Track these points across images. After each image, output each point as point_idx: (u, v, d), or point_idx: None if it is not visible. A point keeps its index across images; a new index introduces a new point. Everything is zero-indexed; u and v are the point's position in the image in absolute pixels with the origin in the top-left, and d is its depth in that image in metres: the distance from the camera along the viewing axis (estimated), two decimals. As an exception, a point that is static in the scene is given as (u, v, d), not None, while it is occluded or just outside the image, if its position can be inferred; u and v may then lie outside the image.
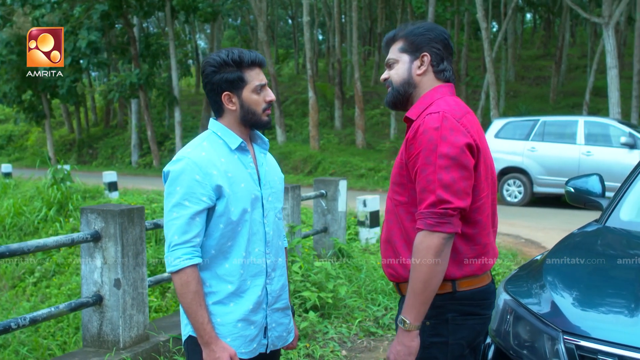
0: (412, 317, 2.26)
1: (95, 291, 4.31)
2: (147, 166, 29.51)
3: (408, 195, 2.39)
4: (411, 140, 2.33)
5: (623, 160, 12.75)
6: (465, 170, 2.25)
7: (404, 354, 2.28)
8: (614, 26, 15.92)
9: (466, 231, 2.32)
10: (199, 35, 48.88)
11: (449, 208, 2.21)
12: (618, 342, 2.29)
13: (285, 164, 24.80)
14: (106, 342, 4.32)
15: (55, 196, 13.38)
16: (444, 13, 24.81)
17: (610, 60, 16.30)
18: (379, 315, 6.03)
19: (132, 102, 30.39)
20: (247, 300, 2.53)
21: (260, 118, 2.56)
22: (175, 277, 2.44)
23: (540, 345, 2.52)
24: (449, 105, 2.35)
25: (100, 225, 4.26)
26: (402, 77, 2.48)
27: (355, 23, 25.28)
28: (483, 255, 2.40)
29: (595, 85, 24.67)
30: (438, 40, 2.47)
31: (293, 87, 37.13)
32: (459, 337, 2.36)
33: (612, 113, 16.44)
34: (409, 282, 2.27)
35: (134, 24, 28.56)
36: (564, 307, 2.53)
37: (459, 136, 2.26)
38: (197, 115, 35.40)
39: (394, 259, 2.45)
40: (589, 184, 3.85)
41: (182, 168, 2.46)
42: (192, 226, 2.43)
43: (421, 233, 2.24)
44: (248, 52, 2.53)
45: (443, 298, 2.32)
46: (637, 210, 3.51)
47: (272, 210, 2.63)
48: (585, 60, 31.74)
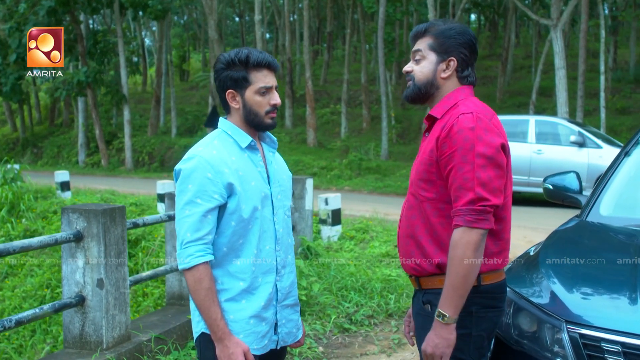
0: (452, 311, 2.32)
1: (77, 292, 4.26)
2: (95, 165, 29.01)
3: (436, 192, 2.45)
4: (444, 139, 2.39)
5: (572, 158, 13.12)
6: (500, 169, 2.35)
7: (443, 347, 2.34)
8: (562, 28, 16.36)
9: (494, 227, 2.40)
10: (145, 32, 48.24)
11: (487, 205, 2.30)
12: (620, 330, 2.40)
13: (237, 163, 24.71)
14: (89, 343, 4.27)
15: (6, 196, 13.06)
16: (394, 13, 25.07)
17: (558, 61, 16.75)
18: (351, 312, 6.10)
19: (78, 100, 29.81)
20: (259, 297, 2.56)
21: (262, 120, 2.58)
22: (188, 274, 2.45)
23: (543, 335, 2.62)
24: (477, 107, 2.43)
25: (83, 225, 4.22)
26: (426, 77, 2.54)
27: (306, 22, 25.36)
28: (505, 251, 2.51)
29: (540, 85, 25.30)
30: (467, 45, 2.53)
31: (242, 86, 36.95)
32: (481, 329, 2.45)
33: (560, 112, 16.89)
34: (447, 277, 2.33)
35: (81, 21, 28.04)
36: (565, 298, 2.64)
37: (494, 136, 2.35)
38: (144, 113, 34.98)
39: (418, 254, 2.51)
40: (566, 181, 3.99)
41: (194, 166, 2.48)
42: (204, 223, 2.45)
43: (460, 229, 2.31)
44: (257, 53, 2.55)
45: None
46: (615, 206, 3.66)
47: (281, 208, 2.66)
48: (530, 60, 32.48)
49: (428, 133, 2.57)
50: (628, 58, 30.40)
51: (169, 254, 5.36)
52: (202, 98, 36.13)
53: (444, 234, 2.43)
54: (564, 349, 2.51)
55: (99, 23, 44.02)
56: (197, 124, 31.58)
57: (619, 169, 3.82)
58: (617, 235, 3.35)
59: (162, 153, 28.10)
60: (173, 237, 5.32)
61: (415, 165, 2.57)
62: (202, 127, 30.03)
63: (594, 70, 27.82)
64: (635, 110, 24.75)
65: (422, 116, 26.63)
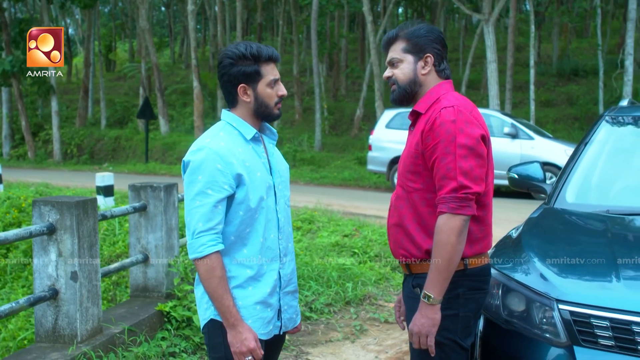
0: (436, 292, 2.48)
1: (50, 285, 4.21)
2: (20, 158, 28.13)
3: (423, 182, 2.60)
4: (428, 132, 2.54)
5: (506, 149, 13.57)
6: (480, 158, 2.51)
7: (429, 326, 2.50)
8: (493, 22, 16.86)
9: (477, 213, 2.55)
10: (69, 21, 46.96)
11: (469, 193, 2.45)
12: (608, 306, 2.60)
13: (170, 155, 24.47)
14: (62, 337, 4.24)
15: None
16: (327, 5, 25.23)
17: (490, 54, 17.25)
18: (310, 301, 6.20)
19: (2, 90, 28.81)
20: (265, 284, 2.65)
21: (272, 111, 2.68)
22: (200, 263, 2.52)
23: (533, 314, 2.80)
24: (458, 100, 2.59)
25: (55, 217, 4.17)
26: (408, 77, 2.69)
27: (239, 13, 25.26)
28: (489, 235, 2.69)
29: (469, 78, 25.95)
30: (438, 41, 2.70)
31: (171, 77, 36.51)
32: (467, 310, 2.61)
33: (491, 104, 17.42)
34: (433, 261, 2.48)
35: (5, 8, 27.08)
36: (554, 279, 2.82)
37: (474, 128, 2.51)
38: (71, 104, 34.08)
39: (407, 241, 2.65)
40: (530, 171, 4.20)
41: (203, 157, 2.54)
42: (215, 213, 2.52)
43: (444, 216, 2.46)
44: (266, 48, 2.64)
45: (455, 275, 2.53)
46: (579, 194, 3.89)
47: (282, 198, 2.76)
48: (457, 54, 33.21)
49: (413, 127, 2.73)
50: (551, 52, 31.49)
51: (132, 246, 5.33)
52: (131, 89, 35.46)
53: (432, 222, 2.57)
54: (555, 326, 2.69)
55: (21, 12, 42.55)
56: (127, 115, 30.99)
57: (581, 159, 4.06)
58: (587, 220, 3.57)
59: (92, 145, 27.51)
60: (137, 229, 5.30)
61: (403, 158, 2.72)
62: (133, 118, 29.52)
63: (518, 64, 28.74)
64: (559, 102, 25.70)
65: (354, 108, 26.96)
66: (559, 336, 2.68)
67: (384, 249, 8.39)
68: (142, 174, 21.08)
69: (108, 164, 24.93)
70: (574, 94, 25.78)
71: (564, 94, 26.24)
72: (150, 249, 5.29)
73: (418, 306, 2.55)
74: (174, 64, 42.90)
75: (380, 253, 8.22)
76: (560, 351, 2.66)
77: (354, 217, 10.65)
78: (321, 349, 5.24)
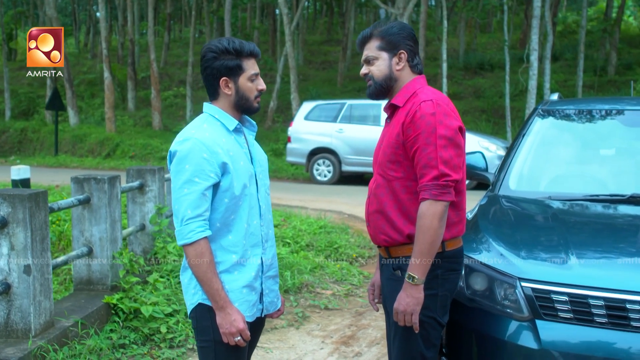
0: (420, 273, 2.66)
1: (2, 279, 4.15)
2: None
3: (404, 171, 2.77)
4: (409, 124, 2.72)
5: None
6: (459, 148, 2.70)
7: (413, 304, 2.68)
8: (408, 17, 17.31)
9: (454, 200, 2.73)
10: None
11: (449, 180, 2.65)
12: (566, 282, 2.88)
13: (81, 147, 23.82)
14: (15, 331, 4.19)
15: None
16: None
17: (404, 48, 17.63)
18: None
19: None
20: (249, 268, 2.77)
21: (252, 104, 2.81)
22: (189, 249, 2.62)
23: (497, 292, 3.03)
24: (435, 94, 2.78)
25: (7, 210, 4.11)
26: (383, 73, 2.86)
27: (151, 3, 24.82)
28: (464, 219, 2.90)
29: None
30: (410, 37, 2.89)
31: (77, 67, 35.44)
32: (445, 290, 2.82)
33: (406, 97, 17.82)
34: (416, 245, 2.66)
35: None
36: (514, 259, 3.07)
37: (452, 120, 2.71)
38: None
39: (388, 227, 2.82)
40: (473, 160, 4.45)
41: (190, 147, 2.64)
42: (202, 201, 2.63)
43: (427, 202, 2.64)
44: (247, 44, 2.77)
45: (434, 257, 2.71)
46: (520, 181, 4.18)
47: (263, 186, 2.89)
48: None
49: (390, 120, 2.89)
50: (457, 46, 32.48)
51: (75, 239, 5.28)
52: (35, 79, 34.18)
53: (412, 208, 2.76)
54: (517, 302, 2.94)
55: None
56: (32, 106, 29.88)
57: (520, 149, 4.34)
58: (533, 206, 3.84)
59: (-4, 137, 26.43)
60: (80, 222, 5.26)
61: (382, 148, 2.89)
62: (39, 109, 28.54)
63: (427, 57, 29.54)
64: (466, 95, 26.56)
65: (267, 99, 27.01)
66: (521, 311, 2.92)
67: (315, 238, 8.58)
68: (52, 167, 20.47)
69: (15, 157, 24.04)
70: (481, 87, 26.71)
71: (471, 87, 27.14)
72: (94, 241, 5.26)
73: (399, 288, 2.73)
74: (80, 53, 41.66)
75: (312, 242, 8.40)
76: (523, 324, 2.91)
77: (280, 208, 10.78)
78: (268, 336, 5.36)
